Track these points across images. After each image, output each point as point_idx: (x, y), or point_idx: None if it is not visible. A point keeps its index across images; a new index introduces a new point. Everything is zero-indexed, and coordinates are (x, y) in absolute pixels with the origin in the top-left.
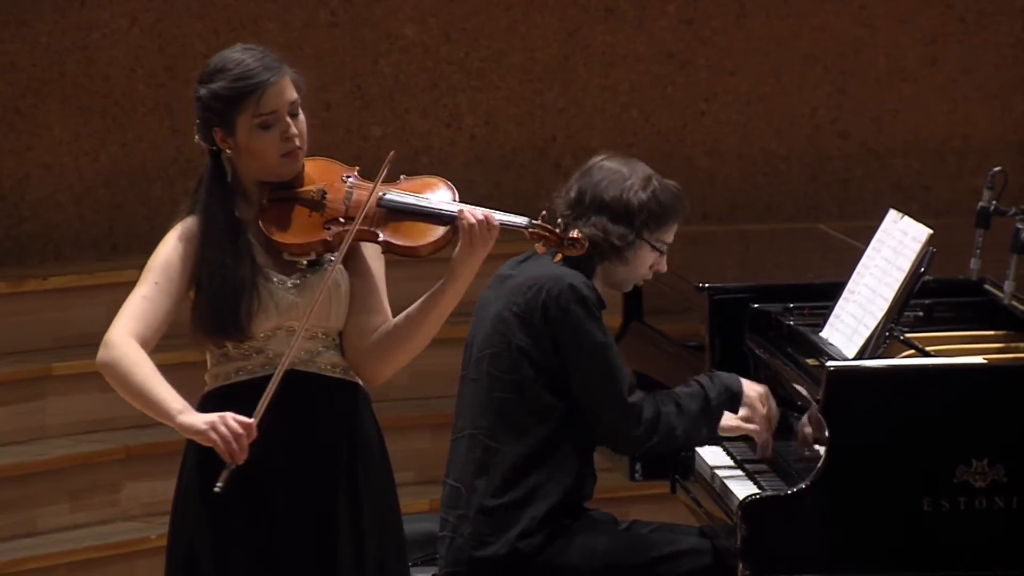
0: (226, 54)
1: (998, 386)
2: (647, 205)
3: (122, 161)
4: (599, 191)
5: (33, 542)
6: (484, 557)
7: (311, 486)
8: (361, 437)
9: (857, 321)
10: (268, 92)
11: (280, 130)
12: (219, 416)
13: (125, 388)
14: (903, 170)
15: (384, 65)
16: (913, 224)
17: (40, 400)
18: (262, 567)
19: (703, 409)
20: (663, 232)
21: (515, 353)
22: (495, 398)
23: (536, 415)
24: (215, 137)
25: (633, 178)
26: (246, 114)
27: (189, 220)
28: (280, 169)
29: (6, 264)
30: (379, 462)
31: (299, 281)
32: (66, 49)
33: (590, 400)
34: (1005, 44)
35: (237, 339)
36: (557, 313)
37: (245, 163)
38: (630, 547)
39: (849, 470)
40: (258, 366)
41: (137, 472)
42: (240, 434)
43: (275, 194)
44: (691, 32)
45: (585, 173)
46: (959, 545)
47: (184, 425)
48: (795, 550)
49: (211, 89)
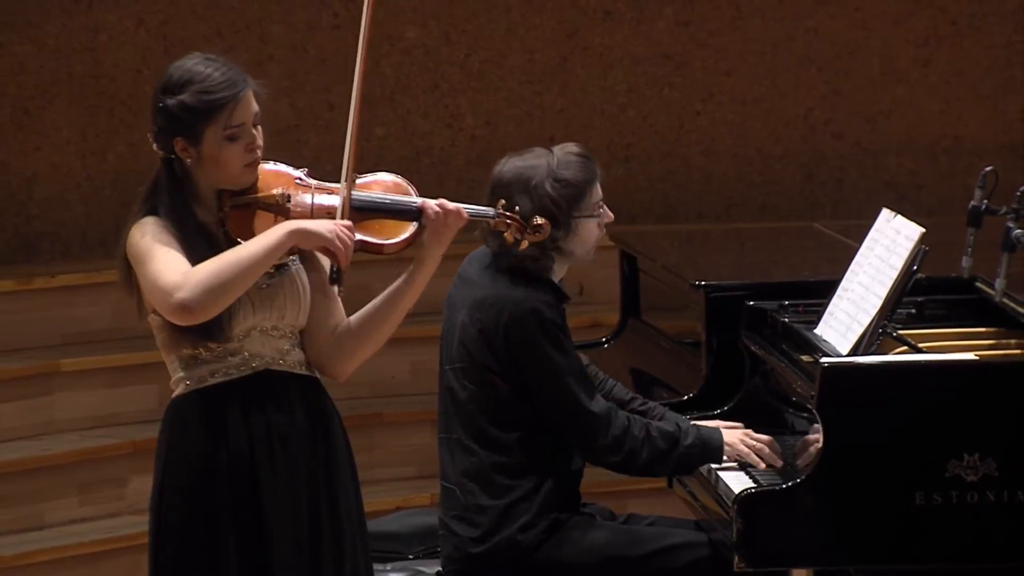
0: (190, 66)
1: (989, 382)
2: (561, 193)
3: (129, 161)
4: (515, 203)
5: (41, 535)
6: (482, 553)
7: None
8: (333, 427)
9: (851, 318)
10: (239, 105)
11: (246, 142)
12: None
13: (240, 273)
14: (896, 169)
15: (386, 66)
16: (906, 223)
17: (48, 396)
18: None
19: (669, 451)
20: (590, 200)
21: (481, 369)
22: (469, 409)
23: (510, 425)
24: (175, 146)
25: (534, 173)
26: (215, 126)
27: (152, 219)
28: (241, 178)
29: (15, 262)
30: (346, 452)
31: (269, 282)
32: (74, 51)
33: (555, 416)
34: (996, 46)
35: (219, 340)
36: (517, 339)
37: (206, 171)
38: (628, 540)
39: (843, 465)
40: (233, 367)
41: (143, 466)
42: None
43: (236, 200)
44: (687, 34)
45: (490, 192)
46: (951, 538)
47: (307, 228)
48: (790, 543)
49: (179, 100)
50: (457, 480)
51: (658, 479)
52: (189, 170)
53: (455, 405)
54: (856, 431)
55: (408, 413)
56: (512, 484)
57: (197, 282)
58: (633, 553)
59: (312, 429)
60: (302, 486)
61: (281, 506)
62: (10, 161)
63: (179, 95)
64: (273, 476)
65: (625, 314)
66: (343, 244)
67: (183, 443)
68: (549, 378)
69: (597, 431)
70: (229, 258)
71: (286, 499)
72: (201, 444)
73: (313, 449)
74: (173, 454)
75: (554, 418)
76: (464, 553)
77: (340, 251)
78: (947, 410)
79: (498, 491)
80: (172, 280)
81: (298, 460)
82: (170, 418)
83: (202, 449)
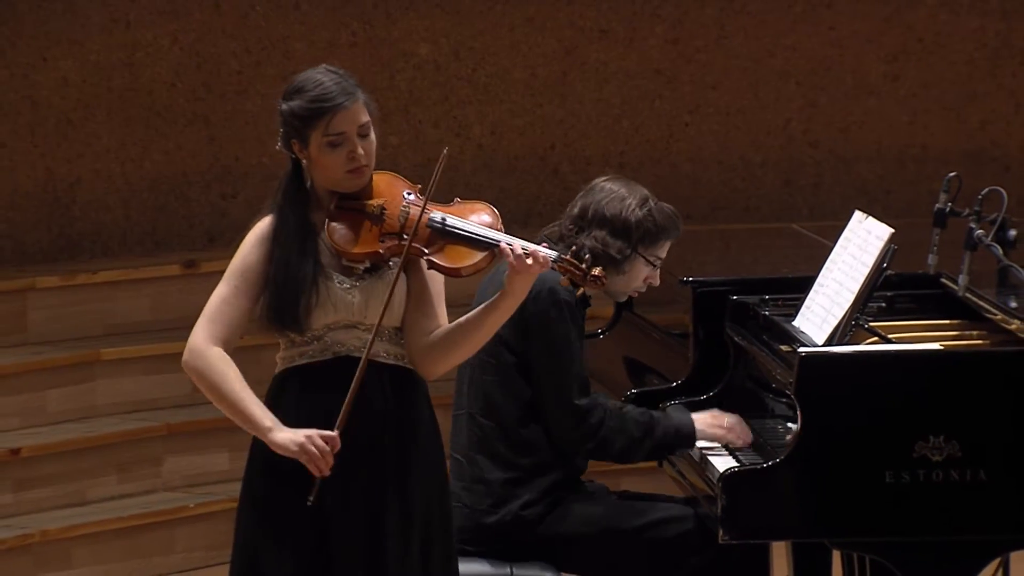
0: (309, 74)
1: (953, 370)
2: (643, 223)
3: (164, 167)
4: (600, 207)
5: (83, 511)
6: (489, 524)
7: (362, 475)
8: (414, 416)
9: (826, 311)
10: (339, 115)
11: (347, 150)
12: (306, 436)
13: (215, 397)
14: (867, 175)
15: (400, 80)
16: (876, 224)
17: (90, 382)
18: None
19: (643, 439)
20: (657, 248)
21: (497, 341)
22: (484, 380)
23: (515, 398)
24: (293, 147)
25: (632, 198)
26: (317, 132)
27: (265, 221)
28: (345, 183)
29: (60, 260)
30: (432, 451)
31: (358, 283)
32: (113, 66)
33: (541, 393)
34: (960, 62)
35: (295, 331)
36: (531, 311)
37: (317, 173)
38: (623, 514)
39: (819, 446)
40: (317, 352)
41: (177, 447)
42: (327, 451)
43: (343, 203)
44: (676, 51)
45: (588, 192)
46: (918, 513)
47: (276, 442)
48: (770, 518)
49: (290, 106)
50: (464, 452)
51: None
52: (306, 171)
53: (470, 380)
54: (831, 415)
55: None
56: (514, 459)
57: (194, 365)
58: (627, 525)
59: (385, 416)
60: (361, 473)
61: (335, 493)
62: (55, 168)
63: (292, 101)
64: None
65: (619, 308)
66: (310, 457)
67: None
68: (549, 354)
69: (576, 421)
70: (221, 384)
71: (341, 487)
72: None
73: (384, 439)
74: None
75: (541, 399)
76: (475, 523)
77: (308, 463)
78: (914, 396)
79: (501, 464)
80: (196, 333)
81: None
82: (269, 391)
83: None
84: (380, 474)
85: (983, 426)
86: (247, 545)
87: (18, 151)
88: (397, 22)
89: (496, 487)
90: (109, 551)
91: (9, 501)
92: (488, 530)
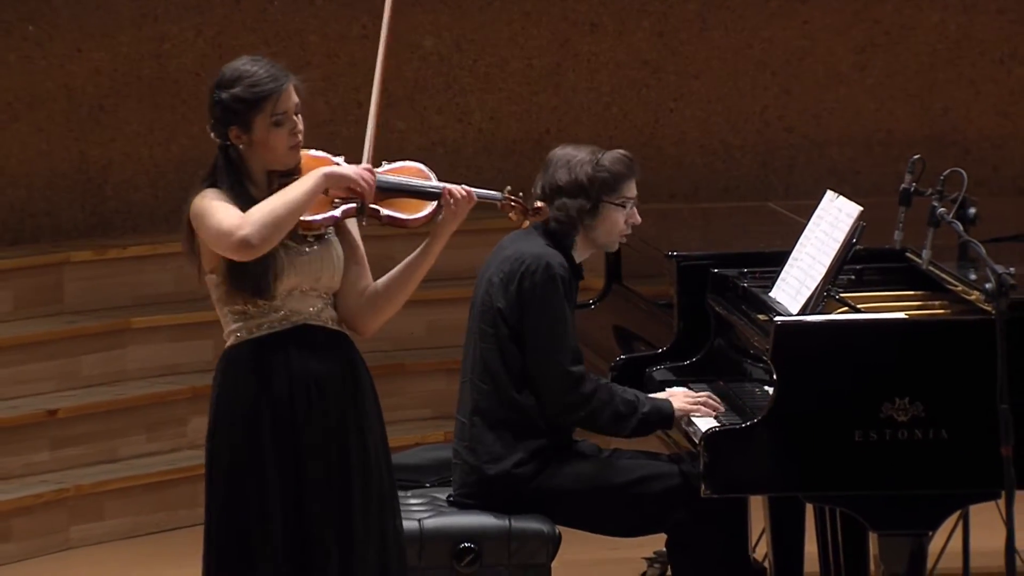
0: (239, 65)
1: (917, 337)
2: (596, 176)
3: (189, 150)
4: (554, 180)
5: (115, 467)
6: (486, 479)
7: (329, 416)
8: (361, 376)
9: (800, 283)
10: (283, 95)
11: (290, 127)
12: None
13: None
14: (838, 158)
15: (407, 71)
16: (847, 202)
17: (121, 349)
18: (290, 489)
19: (628, 415)
20: (621, 191)
21: (495, 312)
22: (483, 348)
23: (509, 366)
24: (230, 134)
25: (578, 157)
26: (263, 114)
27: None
28: (286, 158)
29: (93, 235)
30: (373, 397)
31: (309, 249)
32: (142, 57)
33: (535, 362)
34: (923, 53)
35: (266, 297)
36: (527, 284)
37: (257, 155)
38: (612, 471)
39: (793, 407)
40: (276, 322)
41: (202, 408)
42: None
43: (284, 180)
44: (662, 43)
45: (544, 168)
46: (885, 468)
47: (337, 173)
48: (748, 473)
49: (232, 94)
50: (467, 416)
51: None
52: (242, 154)
53: (474, 349)
54: (804, 379)
55: (425, 363)
56: (508, 421)
57: (255, 220)
58: (615, 481)
59: (343, 376)
60: (334, 426)
61: (315, 443)
62: (88, 151)
63: (232, 89)
64: (309, 417)
65: (609, 280)
66: (366, 183)
67: (235, 387)
68: (541, 324)
69: (568, 387)
70: (278, 200)
71: (320, 437)
72: (250, 388)
73: (344, 394)
74: (224, 396)
75: (533, 368)
76: (476, 479)
77: (364, 188)
78: (881, 361)
79: (496, 426)
80: (234, 222)
81: (331, 403)
82: (223, 366)
83: (250, 392)
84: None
85: (945, 389)
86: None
87: (55, 136)
88: (404, 16)
89: (491, 446)
90: (138, 504)
91: (46, 458)
92: (486, 484)
